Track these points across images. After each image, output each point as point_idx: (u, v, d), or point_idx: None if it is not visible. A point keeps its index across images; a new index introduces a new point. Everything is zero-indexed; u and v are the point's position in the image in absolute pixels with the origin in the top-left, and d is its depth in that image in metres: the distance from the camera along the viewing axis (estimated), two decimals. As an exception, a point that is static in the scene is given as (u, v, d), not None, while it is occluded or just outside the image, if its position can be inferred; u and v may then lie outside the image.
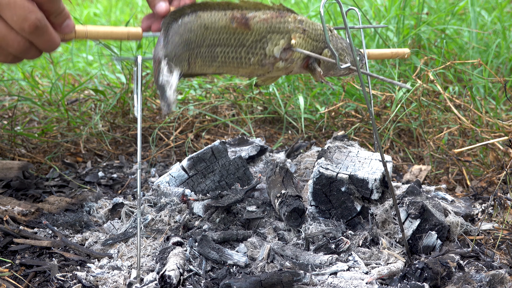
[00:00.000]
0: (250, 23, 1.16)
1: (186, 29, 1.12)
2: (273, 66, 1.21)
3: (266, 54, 1.19)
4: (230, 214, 1.36)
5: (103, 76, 2.44)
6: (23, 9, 1.00)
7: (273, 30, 1.18)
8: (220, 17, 1.15)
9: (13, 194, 1.58)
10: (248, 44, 1.17)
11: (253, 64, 1.20)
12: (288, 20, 1.20)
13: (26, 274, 1.21)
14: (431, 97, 1.89)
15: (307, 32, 1.22)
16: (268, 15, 1.18)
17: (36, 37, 1.04)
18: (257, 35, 1.17)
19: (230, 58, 1.18)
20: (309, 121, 2.05)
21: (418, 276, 1.14)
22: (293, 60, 1.23)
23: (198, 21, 1.13)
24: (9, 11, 1.00)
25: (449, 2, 2.73)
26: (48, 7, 1.04)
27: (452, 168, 1.75)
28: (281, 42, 1.19)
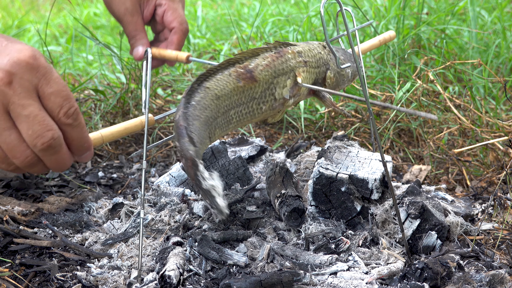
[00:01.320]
0: (255, 74, 1.14)
1: (201, 108, 1.08)
2: (284, 105, 1.21)
3: (276, 98, 1.19)
4: (230, 214, 1.36)
5: (103, 76, 2.44)
6: (42, 125, 0.95)
7: (278, 73, 1.17)
8: (226, 81, 1.12)
9: (13, 194, 1.58)
10: (258, 95, 1.16)
11: (265, 112, 1.19)
12: (288, 57, 1.19)
13: (26, 274, 1.21)
14: (431, 97, 1.89)
15: (308, 63, 1.22)
16: (269, 59, 1.17)
17: (46, 156, 0.97)
18: (264, 84, 1.16)
19: (243, 115, 1.16)
20: (309, 121, 2.05)
21: (418, 276, 1.14)
22: (300, 94, 1.23)
23: (209, 94, 1.10)
24: (27, 123, 0.94)
25: (449, 2, 2.73)
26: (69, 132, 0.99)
27: (452, 168, 1.75)
28: (288, 82, 1.19)
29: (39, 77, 0.95)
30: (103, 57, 2.67)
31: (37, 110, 0.94)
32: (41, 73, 0.95)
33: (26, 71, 0.94)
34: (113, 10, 1.47)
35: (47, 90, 0.96)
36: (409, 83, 1.86)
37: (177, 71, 2.41)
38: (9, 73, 0.92)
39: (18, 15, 4.08)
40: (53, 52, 3.01)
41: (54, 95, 0.96)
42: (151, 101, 2.15)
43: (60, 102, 0.96)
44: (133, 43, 1.46)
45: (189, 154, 1.00)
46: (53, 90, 0.96)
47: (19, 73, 0.93)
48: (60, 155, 0.98)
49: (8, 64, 0.93)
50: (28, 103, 0.94)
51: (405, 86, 1.84)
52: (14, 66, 0.93)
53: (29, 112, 0.94)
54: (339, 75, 1.30)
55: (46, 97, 0.96)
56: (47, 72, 0.96)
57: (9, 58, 0.93)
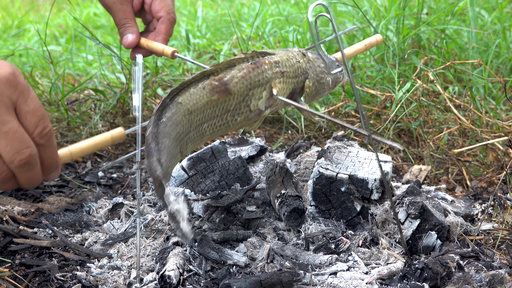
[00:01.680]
0: (230, 87, 1.12)
1: (172, 124, 1.07)
2: (260, 116, 1.19)
3: (251, 110, 1.17)
4: (230, 214, 1.36)
5: (103, 76, 2.44)
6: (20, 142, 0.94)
7: (253, 85, 1.15)
8: (200, 95, 1.11)
9: (13, 194, 1.58)
10: (232, 108, 1.14)
11: (240, 122, 1.17)
12: (264, 68, 1.16)
13: (26, 274, 1.21)
14: (431, 97, 1.89)
15: (285, 73, 1.19)
16: (244, 70, 1.14)
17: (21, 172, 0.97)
18: (239, 97, 1.14)
19: (217, 127, 1.15)
20: (309, 121, 2.05)
21: (418, 276, 1.14)
22: (276, 104, 1.20)
23: (181, 109, 1.09)
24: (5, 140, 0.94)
25: (448, 2, 2.73)
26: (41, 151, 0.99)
27: (452, 168, 1.75)
28: (264, 94, 1.16)
29: (18, 95, 0.95)
30: (103, 57, 2.67)
31: (16, 126, 0.94)
32: (20, 91, 0.95)
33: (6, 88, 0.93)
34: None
35: (24, 108, 0.95)
36: (409, 83, 1.86)
37: (177, 71, 2.41)
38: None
39: (18, 15, 4.08)
40: (53, 52, 3.01)
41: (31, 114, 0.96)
42: (151, 101, 2.15)
43: (35, 122, 0.96)
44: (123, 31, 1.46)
45: (156, 175, 1.01)
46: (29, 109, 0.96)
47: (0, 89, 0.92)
48: (34, 172, 0.98)
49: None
50: (8, 119, 0.94)
51: (405, 86, 1.84)
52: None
53: (8, 128, 0.93)
54: (318, 84, 1.27)
55: (23, 115, 0.96)
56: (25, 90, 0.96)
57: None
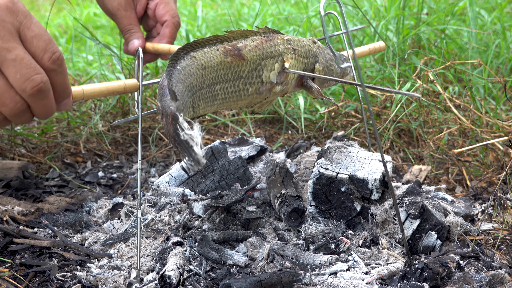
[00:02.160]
0: (243, 53, 1.14)
1: (186, 74, 1.09)
2: (271, 91, 1.21)
3: (263, 82, 1.18)
4: (230, 214, 1.36)
5: (103, 76, 2.44)
6: (29, 69, 0.92)
7: (266, 56, 1.17)
8: (214, 54, 1.12)
9: (13, 194, 1.58)
10: (245, 75, 1.16)
11: (251, 94, 1.19)
12: (277, 42, 1.19)
13: (26, 274, 1.21)
14: (431, 97, 1.89)
15: (297, 51, 1.22)
16: (258, 41, 1.17)
17: (35, 101, 0.94)
18: (252, 64, 1.16)
19: (229, 93, 1.16)
20: (309, 121, 2.05)
21: (418, 276, 1.14)
22: (288, 82, 1.22)
23: (195, 63, 1.10)
24: (14, 67, 0.91)
25: (448, 2, 2.73)
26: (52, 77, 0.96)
27: (452, 168, 1.75)
28: (276, 66, 1.18)
29: (20, 21, 0.92)
30: (103, 57, 2.67)
31: (23, 53, 0.92)
32: (22, 17, 0.92)
33: (7, 14, 0.91)
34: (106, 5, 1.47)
35: (28, 34, 0.93)
36: (409, 83, 1.86)
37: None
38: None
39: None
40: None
41: (37, 39, 0.93)
42: (151, 101, 2.15)
43: (43, 46, 0.94)
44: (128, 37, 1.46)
45: (170, 110, 1.00)
46: (34, 34, 0.93)
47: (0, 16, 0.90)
48: (48, 100, 0.96)
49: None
50: (13, 46, 0.91)
51: (405, 86, 1.84)
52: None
53: (15, 55, 0.91)
54: (328, 70, 1.30)
55: (28, 40, 0.93)
56: (27, 16, 0.93)
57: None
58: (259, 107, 1.28)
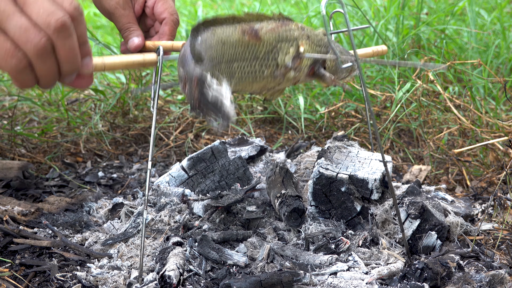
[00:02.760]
0: (260, 34, 1.16)
1: (207, 46, 1.11)
2: (284, 76, 1.22)
3: (278, 65, 1.20)
4: (230, 214, 1.36)
5: (103, 76, 2.44)
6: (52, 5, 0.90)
7: (282, 39, 1.18)
8: (232, 31, 1.14)
9: (13, 194, 1.58)
10: (261, 56, 1.17)
11: (266, 77, 1.20)
12: (292, 27, 1.21)
13: (26, 274, 1.21)
14: (431, 97, 1.89)
15: (310, 38, 1.23)
16: (273, 24, 1.18)
17: (60, 39, 0.92)
18: (268, 46, 1.17)
19: (246, 73, 1.18)
20: (309, 121, 2.06)
21: (418, 276, 1.14)
22: (301, 69, 1.23)
23: (215, 37, 1.12)
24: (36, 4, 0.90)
25: (448, 2, 2.73)
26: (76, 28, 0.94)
27: (452, 168, 1.75)
28: (291, 50, 1.20)
29: None
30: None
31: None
32: None
33: None
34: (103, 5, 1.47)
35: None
36: (409, 83, 1.86)
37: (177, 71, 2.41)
38: None
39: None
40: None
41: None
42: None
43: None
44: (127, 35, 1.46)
45: (196, 73, 1.03)
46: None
47: None
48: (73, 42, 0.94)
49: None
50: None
51: (405, 86, 1.85)
52: None
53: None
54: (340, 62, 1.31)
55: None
56: None
57: None
58: (271, 94, 1.29)
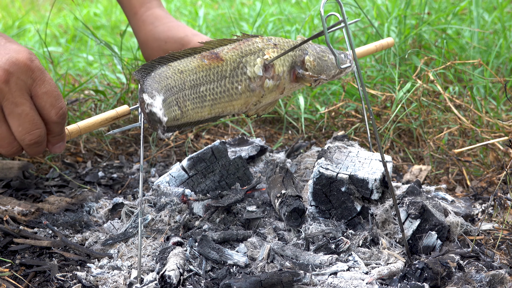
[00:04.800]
0: (221, 55, 1.17)
1: (162, 77, 1.12)
2: (263, 87, 1.21)
3: (250, 77, 1.19)
4: (230, 214, 1.36)
5: (103, 76, 2.44)
6: (31, 124, 1.04)
7: (245, 53, 1.19)
8: (190, 60, 1.16)
9: (13, 194, 1.58)
10: (228, 74, 1.18)
11: (243, 92, 1.20)
12: (256, 40, 1.22)
13: (26, 274, 1.21)
14: (431, 97, 1.89)
15: (279, 45, 1.23)
16: (235, 44, 1.20)
17: (30, 148, 1.07)
18: (232, 63, 1.18)
19: (218, 93, 1.18)
20: (309, 121, 2.05)
21: (418, 276, 1.14)
22: (279, 77, 1.23)
23: (171, 69, 1.14)
24: (18, 120, 1.03)
25: (450, 2, 2.73)
26: (53, 128, 1.08)
27: (452, 168, 1.75)
28: (258, 60, 1.20)
29: (34, 78, 1.03)
30: (103, 57, 2.67)
31: (29, 109, 1.03)
32: (36, 75, 1.03)
33: (23, 72, 1.02)
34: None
35: (40, 90, 1.04)
36: (409, 83, 1.86)
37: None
38: (7, 72, 1.00)
39: (18, 15, 4.08)
40: (53, 52, 3.01)
41: (47, 95, 1.05)
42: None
43: (52, 102, 1.06)
44: None
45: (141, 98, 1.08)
46: (46, 90, 1.05)
47: (16, 73, 1.01)
48: (41, 148, 1.08)
49: (7, 63, 1.00)
50: (21, 102, 1.02)
51: (406, 86, 1.84)
52: (13, 66, 1.00)
53: (21, 110, 1.02)
54: (320, 60, 1.30)
55: (40, 96, 1.04)
56: (42, 73, 1.05)
57: (8, 58, 1.00)
58: (262, 109, 1.28)
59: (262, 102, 1.26)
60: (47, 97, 1.05)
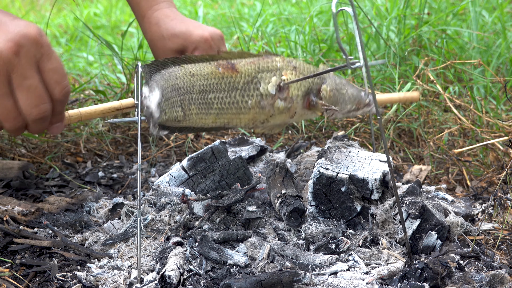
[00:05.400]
0: (237, 67, 1.15)
1: (171, 76, 1.11)
2: (273, 107, 1.19)
3: (262, 95, 1.17)
4: (230, 214, 1.36)
5: (104, 76, 2.44)
6: (39, 98, 1.03)
7: (262, 69, 1.16)
8: (205, 65, 1.14)
9: (13, 194, 1.58)
10: (240, 86, 1.15)
11: (252, 108, 1.17)
12: (276, 59, 1.18)
13: (26, 274, 1.21)
14: (431, 97, 1.89)
15: (298, 69, 1.19)
16: (254, 58, 1.17)
17: (35, 124, 1.06)
18: (247, 76, 1.15)
19: (226, 103, 1.16)
20: (309, 121, 2.05)
21: (418, 276, 1.14)
22: (292, 100, 1.20)
23: (183, 70, 1.13)
24: (27, 93, 1.02)
25: (450, 2, 2.73)
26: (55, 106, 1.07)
27: (452, 168, 1.75)
28: (274, 79, 1.17)
29: (42, 53, 1.03)
30: (103, 57, 2.67)
31: (37, 82, 1.02)
32: (45, 50, 1.03)
33: (33, 45, 1.01)
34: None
35: (47, 66, 1.04)
36: (409, 83, 1.86)
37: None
38: (18, 44, 1.00)
39: (18, 15, 4.08)
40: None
41: (53, 71, 1.04)
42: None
43: (58, 79, 1.05)
44: None
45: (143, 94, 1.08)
46: (53, 67, 1.04)
47: (27, 45, 1.01)
48: (46, 124, 1.07)
49: (18, 36, 1.00)
50: (31, 75, 1.02)
51: (406, 86, 1.84)
52: (23, 39, 1.00)
53: (30, 83, 1.02)
54: (337, 92, 1.26)
55: (46, 71, 1.04)
56: (50, 49, 1.04)
57: (19, 31, 1.00)
58: (269, 129, 1.26)
59: (270, 122, 1.23)
60: (53, 74, 1.04)
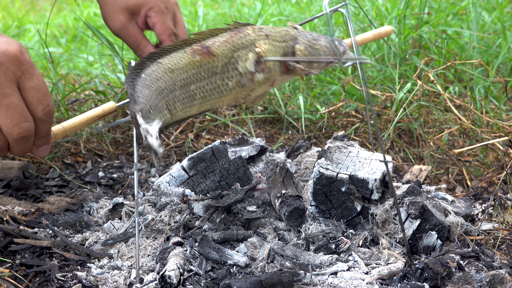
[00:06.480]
0: (212, 50, 1.14)
1: (152, 79, 1.10)
2: (253, 81, 1.18)
3: (242, 73, 1.17)
4: (230, 214, 1.36)
5: (104, 76, 2.44)
6: (20, 116, 1.00)
7: (237, 47, 1.15)
8: (181, 56, 1.13)
9: (13, 194, 1.58)
10: (219, 70, 1.14)
11: (233, 88, 1.17)
12: (247, 32, 1.17)
13: (26, 274, 1.21)
14: (431, 97, 1.89)
15: (270, 36, 1.19)
16: (227, 36, 1.16)
17: (17, 144, 1.02)
18: (224, 59, 1.14)
19: (208, 91, 1.15)
20: (309, 121, 2.05)
21: (418, 276, 1.14)
22: (270, 69, 1.19)
23: (161, 68, 1.11)
24: (6, 112, 0.99)
25: (450, 2, 2.73)
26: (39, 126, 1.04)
27: (452, 168, 1.75)
28: (250, 55, 1.16)
29: (23, 71, 1.00)
30: (104, 57, 2.67)
31: (17, 100, 0.99)
32: (25, 67, 1.00)
33: (12, 63, 0.99)
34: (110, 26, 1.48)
35: (28, 84, 1.01)
36: (409, 83, 1.86)
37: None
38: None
39: (18, 15, 4.08)
40: (53, 53, 3.01)
41: (35, 90, 1.01)
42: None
43: (39, 97, 1.02)
44: (140, 54, 1.47)
45: (133, 113, 1.04)
46: (34, 85, 1.01)
47: (6, 63, 0.98)
48: (28, 145, 1.04)
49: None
50: (10, 93, 0.99)
51: (406, 87, 1.84)
52: (2, 56, 0.98)
53: (10, 101, 0.99)
54: (312, 49, 1.23)
55: (27, 90, 1.01)
56: (31, 67, 1.01)
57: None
58: (251, 102, 1.25)
59: (251, 95, 1.22)
60: (35, 92, 1.01)
